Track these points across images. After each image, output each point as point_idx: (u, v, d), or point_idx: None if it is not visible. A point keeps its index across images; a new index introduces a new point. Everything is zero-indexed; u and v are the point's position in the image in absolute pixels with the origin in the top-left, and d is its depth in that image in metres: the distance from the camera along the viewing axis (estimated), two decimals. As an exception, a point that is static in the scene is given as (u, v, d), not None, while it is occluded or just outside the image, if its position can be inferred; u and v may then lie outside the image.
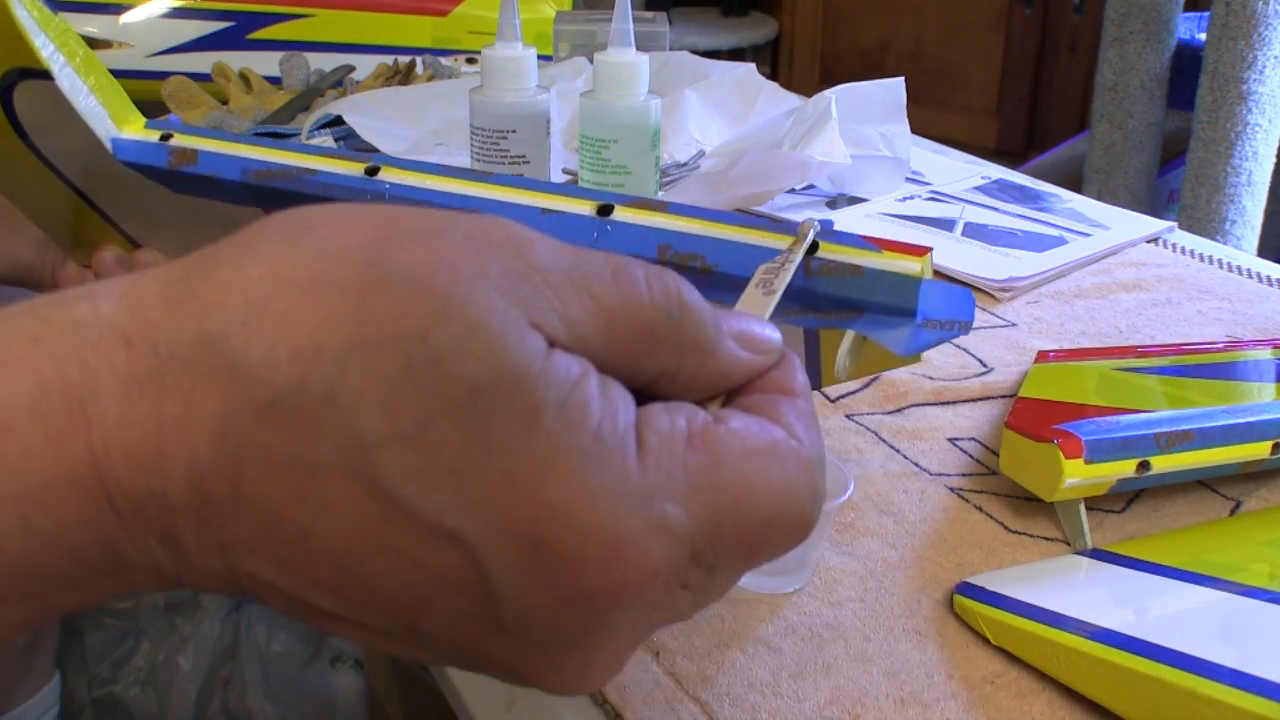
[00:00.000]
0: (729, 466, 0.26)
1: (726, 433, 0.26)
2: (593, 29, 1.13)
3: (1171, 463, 0.47)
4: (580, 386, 0.24)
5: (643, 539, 0.24)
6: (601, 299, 0.26)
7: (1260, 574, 0.43)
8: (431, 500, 0.23)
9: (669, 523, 0.25)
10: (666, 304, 0.27)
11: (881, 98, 0.89)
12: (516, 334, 0.24)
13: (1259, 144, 1.68)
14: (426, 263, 0.24)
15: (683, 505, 0.25)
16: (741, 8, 3.25)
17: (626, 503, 0.24)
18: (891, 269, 0.38)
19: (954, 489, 0.53)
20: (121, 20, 1.61)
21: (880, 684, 0.41)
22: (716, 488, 0.26)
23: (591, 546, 0.23)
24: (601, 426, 0.24)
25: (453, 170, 0.45)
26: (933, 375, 0.63)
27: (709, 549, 0.26)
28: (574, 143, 0.85)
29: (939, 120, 2.59)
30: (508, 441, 0.23)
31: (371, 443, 0.22)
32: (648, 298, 0.26)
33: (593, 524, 0.23)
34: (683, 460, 0.25)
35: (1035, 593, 0.43)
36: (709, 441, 0.26)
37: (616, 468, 0.24)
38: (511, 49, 0.73)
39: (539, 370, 0.24)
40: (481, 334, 0.23)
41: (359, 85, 1.09)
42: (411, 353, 0.23)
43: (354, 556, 0.23)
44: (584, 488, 0.23)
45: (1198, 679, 0.36)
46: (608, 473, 0.24)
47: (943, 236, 0.82)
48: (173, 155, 0.49)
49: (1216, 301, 0.73)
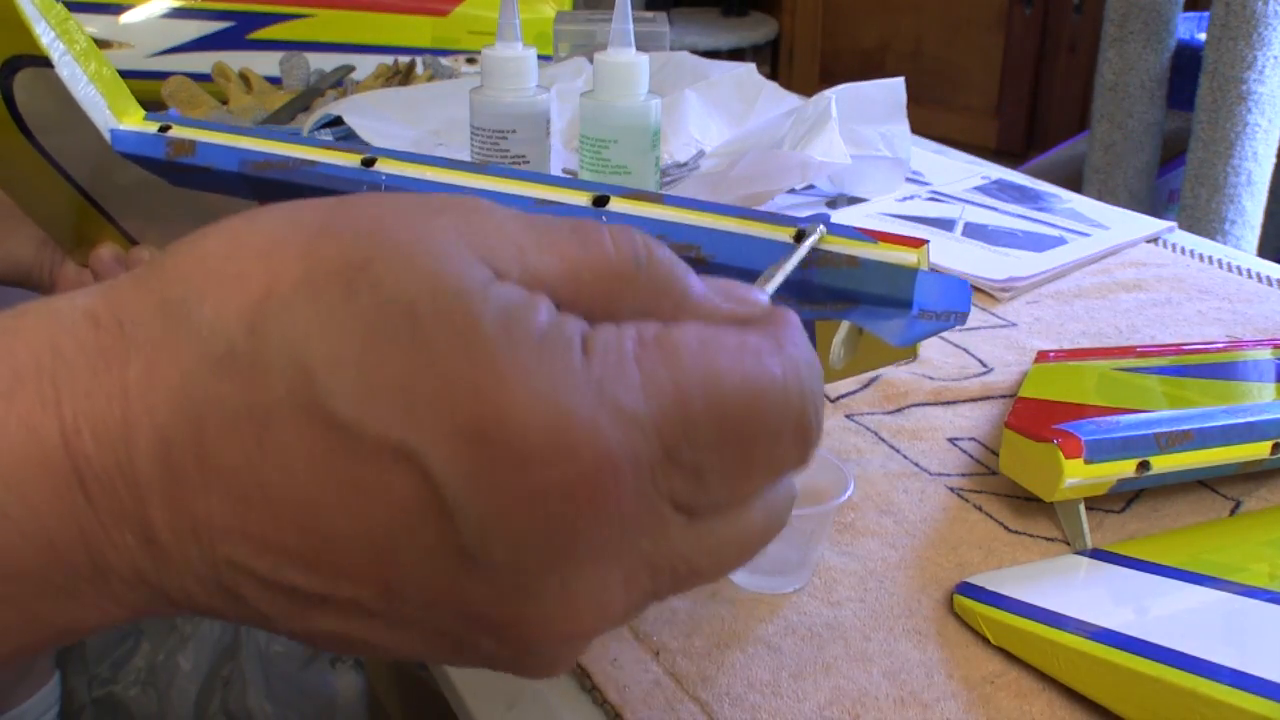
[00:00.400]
0: (688, 356, 0.25)
1: (683, 329, 0.25)
2: (593, 29, 1.13)
3: (1171, 463, 0.47)
4: (525, 307, 0.24)
5: (592, 420, 0.23)
6: (561, 246, 0.26)
7: (1260, 574, 0.43)
8: (377, 418, 0.22)
9: (622, 404, 0.23)
10: (633, 251, 0.26)
11: (881, 98, 0.89)
12: (458, 258, 0.24)
13: (1259, 144, 1.68)
14: (377, 215, 0.25)
15: (636, 391, 0.24)
16: (741, 8, 3.25)
17: (571, 389, 0.23)
18: (888, 260, 0.38)
19: (954, 489, 0.53)
20: (121, 20, 1.61)
21: (880, 684, 0.41)
22: (677, 374, 0.24)
23: (534, 433, 0.23)
24: (547, 333, 0.24)
25: (450, 162, 0.45)
26: (933, 375, 0.63)
27: (683, 442, 0.24)
28: (574, 143, 0.85)
29: (939, 120, 2.59)
30: (448, 352, 0.23)
31: (317, 371, 0.22)
32: (611, 246, 0.26)
33: (534, 411, 0.23)
34: (634, 355, 0.24)
35: (1035, 593, 0.43)
36: (664, 339, 0.25)
37: (558, 363, 0.23)
38: (511, 49, 0.73)
39: (479, 288, 0.24)
40: (420, 257, 0.24)
41: (359, 85, 1.09)
42: (353, 282, 0.23)
43: (314, 504, 0.23)
44: (524, 380, 0.23)
45: (1198, 679, 0.36)
46: (549, 367, 0.23)
47: (943, 236, 0.82)
48: (170, 146, 0.49)
49: (1216, 301, 0.73)
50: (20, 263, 0.60)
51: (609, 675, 0.41)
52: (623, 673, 0.41)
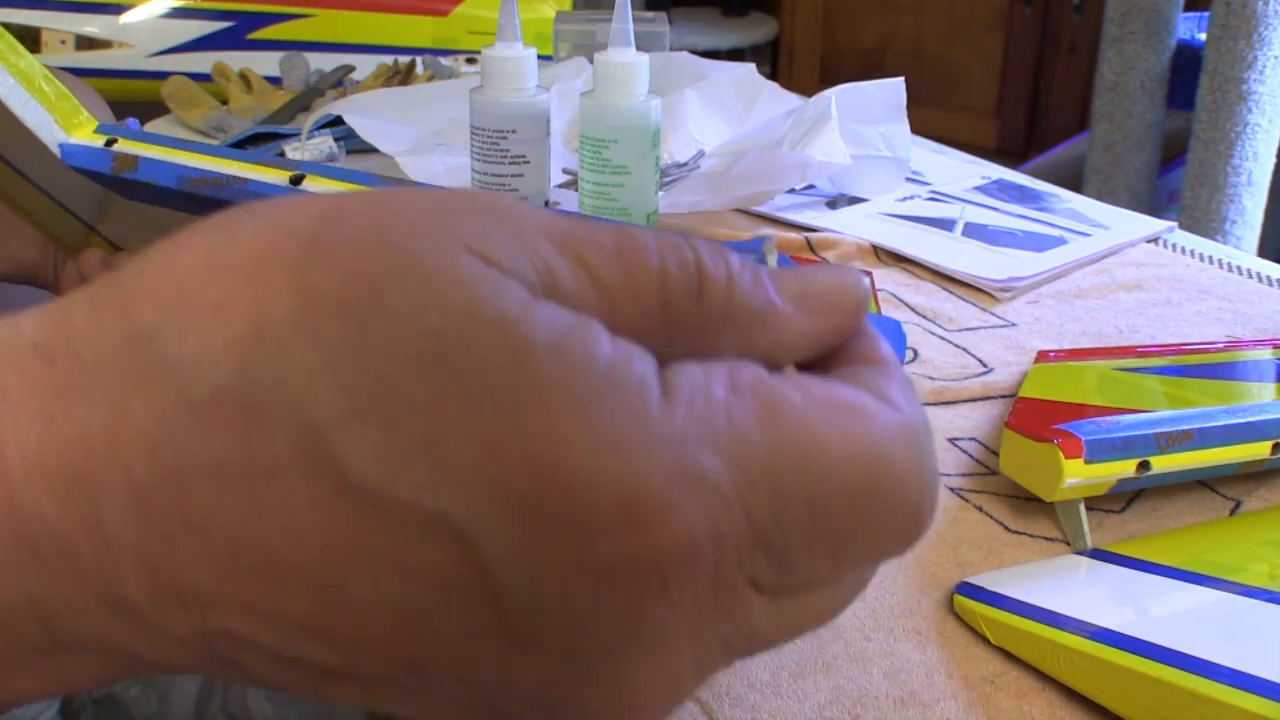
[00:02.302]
0: (790, 419, 0.20)
1: (786, 383, 0.21)
2: (593, 29, 1.13)
3: (1171, 463, 0.47)
4: (580, 328, 0.20)
5: (670, 492, 0.19)
6: (597, 270, 0.21)
7: (1260, 574, 0.43)
8: (405, 480, 0.19)
9: (706, 476, 0.19)
10: (682, 276, 0.22)
11: (881, 98, 0.89)
12: (489, 279, 0.20)
13: (1259, 144, 1.69)
14: (377, 224, 0.20)
15: (725, 458, 0.20)
16: (741, 8, 3.25)
17: (647, 447, 0.19)
18: None
19: (954, 489, 0.53)
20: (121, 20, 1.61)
21: (880, 684, 0.41)
22: (772, 442, 0.20)
23: (604, 500, 0.19)
24: (614, 367, 0.20)
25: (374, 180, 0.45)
26: (933, 375, 0.63)
27: (772, 525, 0.20)
28: (574, 143, 0.85)
29: (939, 120, 2.59)
30: (489, 394, 0.19)
31: (327, 426, 0.19)
32: (657, 269, 0.22)
33: (602, 473, 0.19)
34: (725, 407, 0.20)
35: (1035, 593, 0.43)
36: (760, 390, 0.21)
37: (633, 409, 0.19)
38: (511, 49, 0.73)
39: (521, 312, 0.19)
40: (444, 283, 0.19)
41: (359, 85, 1.09)
42: (363, 316, 0.19)
43: (331, 577, 0.19)
44: (588, 432, 0.19)
45: (1198, 679, 0.36)
46: (621, 415, 0.19)
47: (943, 236, 0.82)
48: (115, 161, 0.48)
49: (1216, 301, 0.73)
50: (25, 263, 0.60)
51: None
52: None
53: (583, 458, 0.19)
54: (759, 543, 0.20)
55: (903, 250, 0.79)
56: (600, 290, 0.21)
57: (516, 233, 0.21)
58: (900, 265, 0.79)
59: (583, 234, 0.22)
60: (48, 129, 0.48)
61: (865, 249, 0.80)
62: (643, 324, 0.21)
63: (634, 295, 0.21)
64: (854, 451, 0.21)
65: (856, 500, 0.21)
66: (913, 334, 0.68)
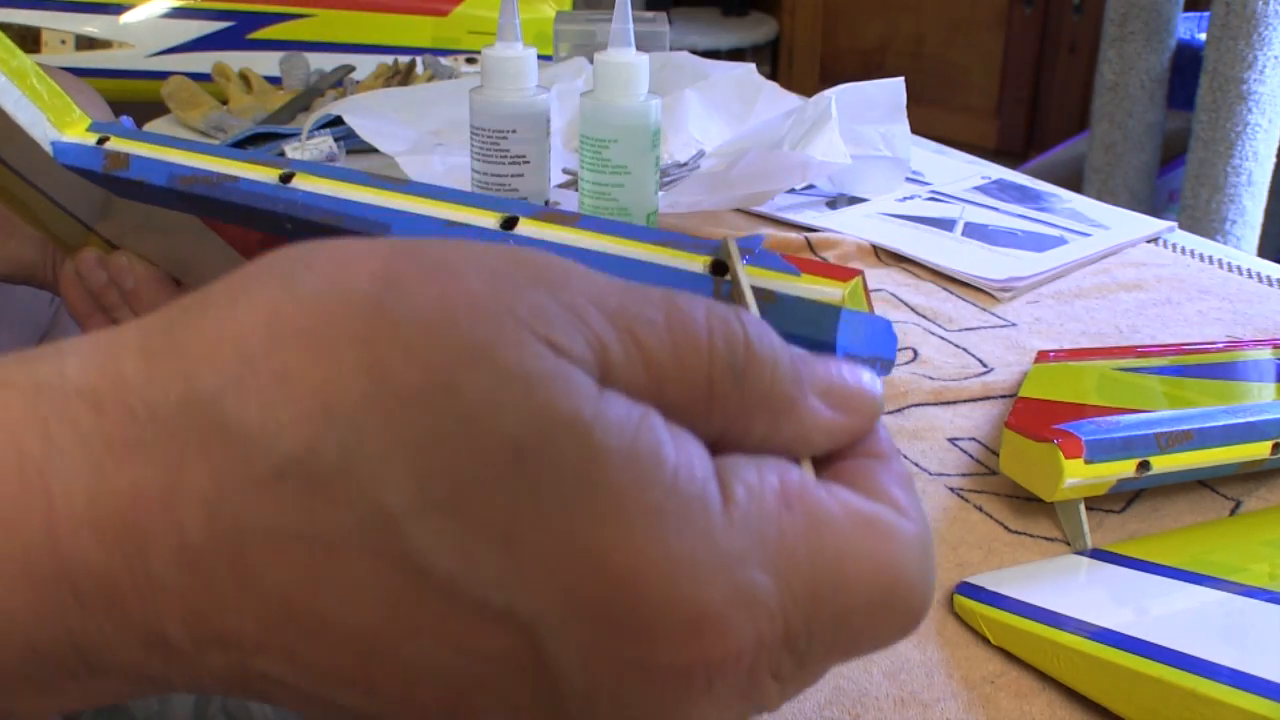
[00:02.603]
0: (830, 535, 0.22)
1: (828, 496, 0.23)
2: (593, 29, 1.13)
3: (1171, 463, 0.47)
4: (646, 429, 0.21)
5: (728, 611, 0.20)
6: (649, 347, 0.22)
7: (1260, 574, 0.43)
8: (477, 575, 0.19)
9: (759, 594, 0.21)
10: (730, 355, 0.22)
11: (881, 98, 0.89)
12: (561, 376, 0.20)
13: (1259, 144, 1.69)
14: (444, 303, 0.21)
15: (775, 575, 0.21)
16: (741, 8, 3.25)
17: (711, 567, 0.20)
18: (809, 295, 0.34)
19: (954, 489, 0.53)
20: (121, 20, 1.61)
21: (880, 684, 0.41)
22: (815, 558, 0.22)
23: (673, 618, 0.20)
24: (679, 474, 0.21)
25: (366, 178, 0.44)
26: (933, 375, 0.63)
27: (803, 632, 0.22)
28: (574, 143, 0.85)
29: (939, 120, 2.59)
30: (565, 500, 0.19)
31: (400, 515, 0.19)
32: (706, 347, 0.22)
33: (672, 591, 0.20)
34: (776, 521, 0.21)
35: (1035, 593, 0.43)
36: (807, 503, 0.22)
37: (698, 525, 0.20)
38: (511, 49, 0.73)
39: (593, 414, 0.20)
40: (519, 381, 0.20)
41: (359, 85, 1.09)
42: (439, 409, 0.19)
43: (384, 645, 0.20)
44: (660, 548, 0.20)
45: (1198, 679, 0.36)
46: (688, 530, 0.20)
47: (943, 236, 0.82)
48: (107, 159, 0.48)
49: (1216, 301, 0.73)
50: (24, 262, 0.60)
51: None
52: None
53: (653, 572, 0.20)
54: (790, 646, 0.22)
55: (903, 250, 0.79)
56: (650, 369, 0.22)
57: (573, 307, 0.21)
58: (900, 265, 0.79)
59: (635, 308, 0.22)
60: (40, 127, 0.48)
61: (865, 249, 0.80)
62: (689, 401, 0.22)
63: (682, 373, 0.22)
64: (878, 569, 0.22)
65: (875, 611, 0.22)
66: (913, 334, 0.68)
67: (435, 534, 0.19)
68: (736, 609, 0.20)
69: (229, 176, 0.45)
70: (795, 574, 0.21)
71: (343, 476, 0.19)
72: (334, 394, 0.19)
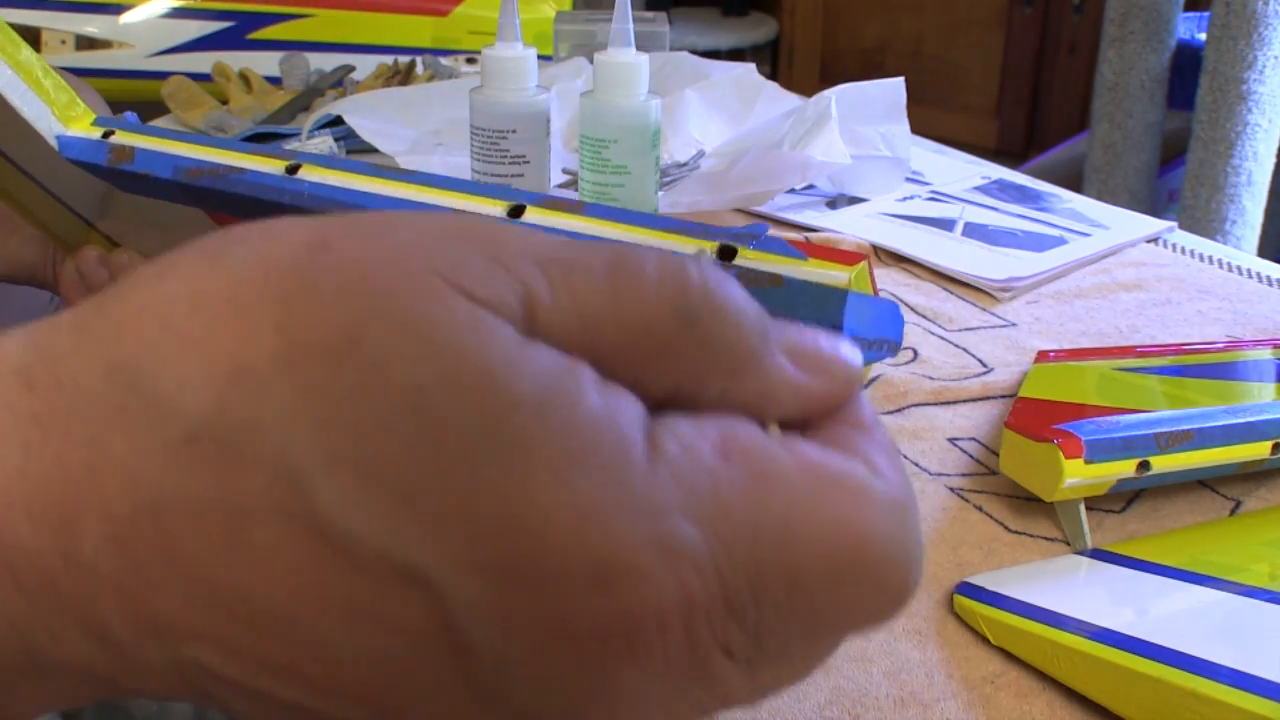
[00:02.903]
0: (778, 488, 0.20)
1: (782, 451, 0.21)
2: (593, 29, 1.13)
3: (1171, 463, 0.47)
4: (566, 378, 0.19)
5: (642, 559, 0.19)
6: (582, 292, 0.21)
7: (1260, 574, 0.43)
8: (379, 531, 0.18)
9: (682, 544, 0.19)
10: (679, 299, 0.21)
11: (881, 98, 0.89)
12: (472, 323, 0.19)
13: (1259, 144, 1.69)
14: (360, 259, 0.20)
15: (705, 527, 0.19)
16: (741, 8, 3.25)
17: (624, 512, 0.19)
18: (816, 280, 0.34)
19: (954, 489, 0.53)
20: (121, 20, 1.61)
21: (880, 684, 0.41)
22: (756, 513, 0.20)
23: (575, 567, 0.18)
24: (597, 423, 0.19)
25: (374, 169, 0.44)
26: (933, 375, 0.63)
27: (748, 598, 0.20)
28: (574, 143, 0.85)
29: (939, 120, 2.59)
30: (467, 450, 0.18)
31: (305, 470, 0.18)
32: (651, 291, 0.21)
33: (576, 537, 0.18)
34: (711, 473, 0.20)
35: (1035, 593, 0.43)
36: (752, 456, 0.20)
37: (615, 473, 0.19)
38: (511, 49, 0.73)
39: (504, 361, 0.19)
40: (424, 328, 0.19)
41: (359, 85, 1.09)
42: (343, 361, 0.19)
43: (301, 619, 0.19)
44: (565, 493, 0.18)
45: (1198, 679, 0.36)
46: (600, 476, 0.19)
47: (943, 236, 0.82)
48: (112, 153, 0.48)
49: (1216, 301, 0.73)
50: (24, 262, 0.60)
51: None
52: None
53: (558, 521, 0.18)
54: (733, 614, 0.20)
55: (903, 250, 0.79)
56: (584, 315, 0.21)
57: (499, 258, 0.20)
58: (900, 265, 0.79)
59: (571, 256, 0.21)
60: (45, 120, 0.48)
61: (865, 248, 0.80)
62: (629, 350, 0.21)
63: (620, 319, 0.21)
64: (841, 530, 0.20)
65: (840, 579, 0.20)
66: (913, 334, 0.68)
67: (338, 490, 0.18)
68: (653, 557, 0.19)
69: (235, 169, 0.46)
70: (730, 528, 0.19)
71: (251, 437, 0.19)
72: (244, 353, 0.19)
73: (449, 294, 0.20)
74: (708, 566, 0.19)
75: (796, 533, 0.20)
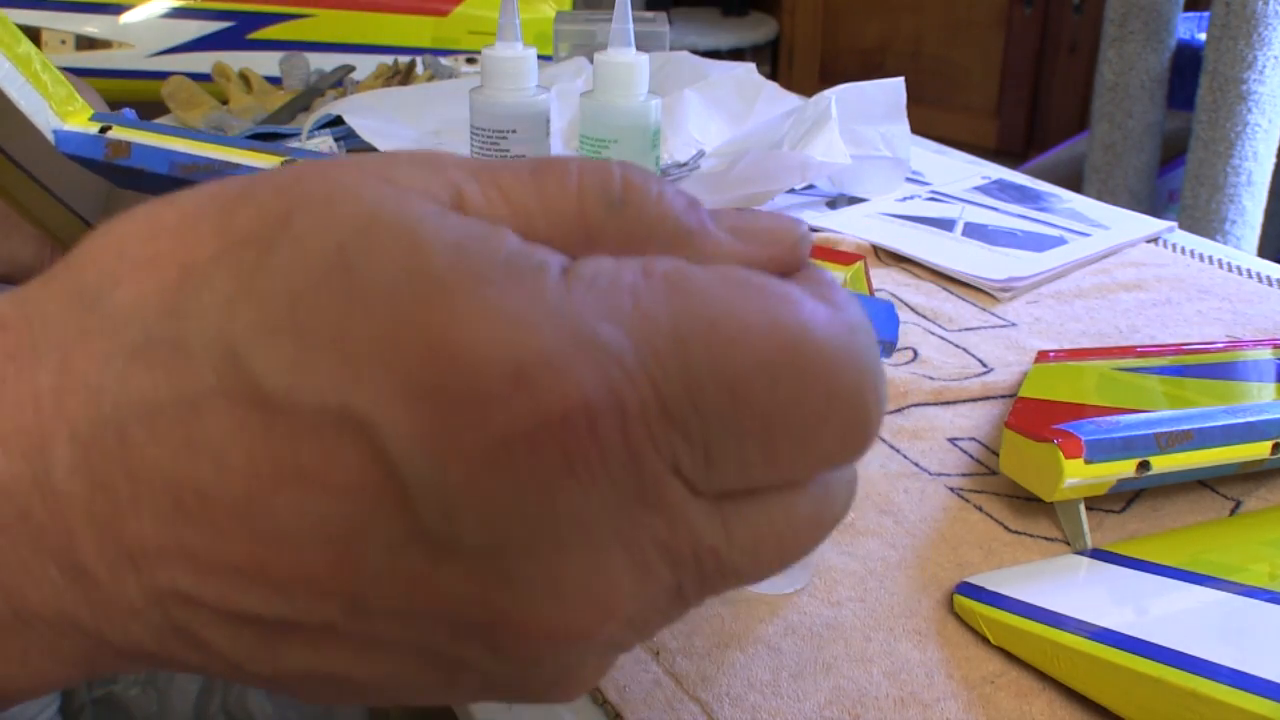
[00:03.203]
0: (702, 291, 0.20)
1: (705, 270, 0.20)
2: (593, 29, 1.13)
3: (1171, 463, 0.47)
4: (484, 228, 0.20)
5: (561, 353, 0.19)
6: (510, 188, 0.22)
7: (1260, 574, 0.43)
8: (311, 382, 0.19)
9: (603, 341, 0.19)
10: (602, 188, 0.22)
11: (881, 98, 0.89)
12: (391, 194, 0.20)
13: (1259, 144, 1.69)
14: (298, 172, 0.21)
15: (626, 326, 0.19)
16: (741, 8, 3.25)
17: (541, 319, 0.19)
18: None
19: (954, 489, 0.53)
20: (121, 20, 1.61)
21: (880, 684, 0.41)
22: (683, 316, 0.19)
23: (494, 371, 0.18)
24: (513, 256, 0.20)
25: None
26: (933, 375, 0.63)
27: (685, 402, 0.19)
28: (574, 143, 0.85)
29: (939, 120, 2.59)
30: (389, 291, 0.19)
31: (243, 346, 0.19)
32: (574, 184, 0.22)
33: (493, 345, 0.18)
34: (630, 287, 0.20)
35: (1035, 593, 0.43)
36: (673, 273, 0.20)
37: (527, 287, 0.19)
38: (511, 49, 0.73)
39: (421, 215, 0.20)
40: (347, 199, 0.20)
41: (359, 85, 1.09)
42: (273, 240, 0.20)
43: (258, 506, 0.19)
44: (482, 310, 0.19)
45: (1198, 679, 0.36)
46: (516, 293, 0.19)
47: (943, 236, 0.82)
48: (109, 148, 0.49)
49: (1216, 301, 0.73)
50: (22, 262, 0.60)
51: (609, 675, 0.41)
52: (622, 673, 0.41)
53: (472, 332, 0.19)
54: (672, 421, 0.19)
55: (903, 250, 0.79)
56: (512, 205, 0.22)
57: (429, 164, 0.22)
58: (900, 265, 0.79)
59: (499, 164, 0.22)
60: (42, 114, 0.49)
61: (865, 249, 0.80)
62: (560, 235, 0.22)
63: (547, 210, 0.22)
64: (773, 329, 0.20)
65: (780, 381, 0.20)
66: (913, 334, 0.68)
67: (272, 354, 0.19)
68: (570, 352, 0.19)
69: (230, 164, 0.46)
70: (655, 333, 0.19)
71: (197, 329, 0.20)
72: (188, 258, 0.21)
73: (378, 181, 0.21)
74: (635, 368, 0.19)
75: (724, 334, 0.19)
